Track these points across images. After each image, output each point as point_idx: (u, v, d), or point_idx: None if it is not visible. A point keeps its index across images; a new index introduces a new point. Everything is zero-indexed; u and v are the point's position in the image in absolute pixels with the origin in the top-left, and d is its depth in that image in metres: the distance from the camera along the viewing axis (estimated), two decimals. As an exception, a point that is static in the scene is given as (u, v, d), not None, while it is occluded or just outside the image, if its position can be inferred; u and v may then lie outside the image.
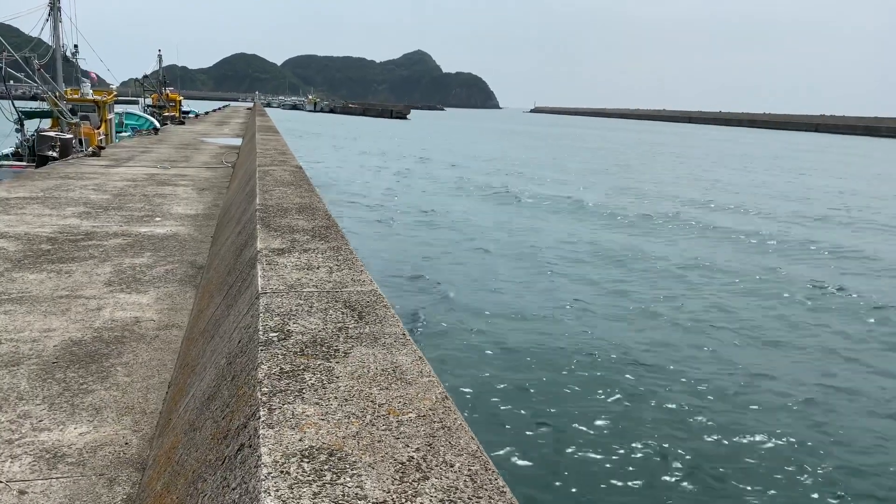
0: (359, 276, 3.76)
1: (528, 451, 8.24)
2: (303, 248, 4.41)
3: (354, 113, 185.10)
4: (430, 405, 2.17)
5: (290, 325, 2.90)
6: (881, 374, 11.38)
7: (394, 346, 2.69)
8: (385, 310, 3.17)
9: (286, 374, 2.37)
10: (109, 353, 4.72)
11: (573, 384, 10.22)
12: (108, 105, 31.01)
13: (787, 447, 8.75)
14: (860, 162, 72.00)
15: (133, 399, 4.05)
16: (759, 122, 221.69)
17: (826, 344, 12.72)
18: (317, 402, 2.14)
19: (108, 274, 6.79)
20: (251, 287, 3.64)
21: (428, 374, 2.44)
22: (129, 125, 38.24)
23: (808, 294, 16.22)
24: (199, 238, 8.79)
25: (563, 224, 24.54)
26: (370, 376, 2.38)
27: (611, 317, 13.64)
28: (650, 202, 31.32)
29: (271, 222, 5.32)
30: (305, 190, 7.41)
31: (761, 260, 19.97)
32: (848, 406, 10.10)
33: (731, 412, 9.63)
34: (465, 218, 24.47)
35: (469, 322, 12.79)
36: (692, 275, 17.66)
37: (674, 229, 24.53)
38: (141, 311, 5.70)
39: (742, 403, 9.94)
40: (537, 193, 32.69)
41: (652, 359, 11.33)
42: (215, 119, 54.28)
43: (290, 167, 9.88)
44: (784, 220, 27.97)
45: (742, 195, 36.30)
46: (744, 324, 13.62)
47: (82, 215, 9.86)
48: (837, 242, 23.22)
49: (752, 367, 11.28)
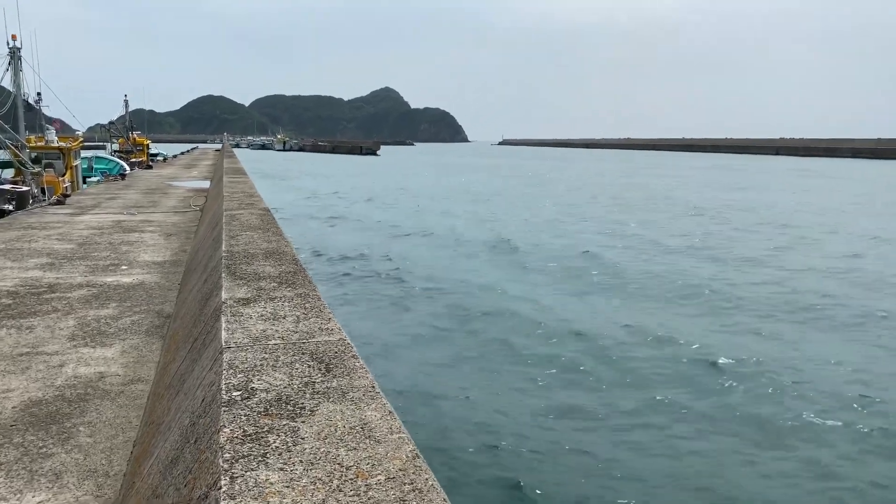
0: (326, 325, 3.67)
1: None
2: (269, 297, 4.31)
3: (324, 150, 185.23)
4: (400, 465, 2.09)
5: (255, 381, 2.80)
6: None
7: (362, 401, 2.60)
8: (353, 360, 3.09)
9: (249, 437, 2.27)
10: (71, 413, 4.56)
11: (551, 435, 9.70)
12: (73, 151, 30.66)
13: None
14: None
15: (96, 461, 3.89)
16: (722, 146, 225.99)
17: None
18: (281, 468, 2.04)
19: (72, 327, 6.61)
20: (215, 340, 3.53)
21: (398, 430, 2.35)
22: (98, 169, 37.84)
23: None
24: (166, 286, 8.62)
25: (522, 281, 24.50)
26: (337, 436, 2.29)
27: (589, 365, 13.27)
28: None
29: (237, 269, 5.22)
30: (273, 234, 7.32)
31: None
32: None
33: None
34: (453, 270, 23.90)
35: (441, 370, 12.52)
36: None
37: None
38: (106, 366, 5.53)
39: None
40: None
41: (631, 419, 10.75)
42: (184, 162, 53.95)
43: (257, 210, 9.78)
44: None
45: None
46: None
47: (45, 266, 9.64)
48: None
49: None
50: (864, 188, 63.96)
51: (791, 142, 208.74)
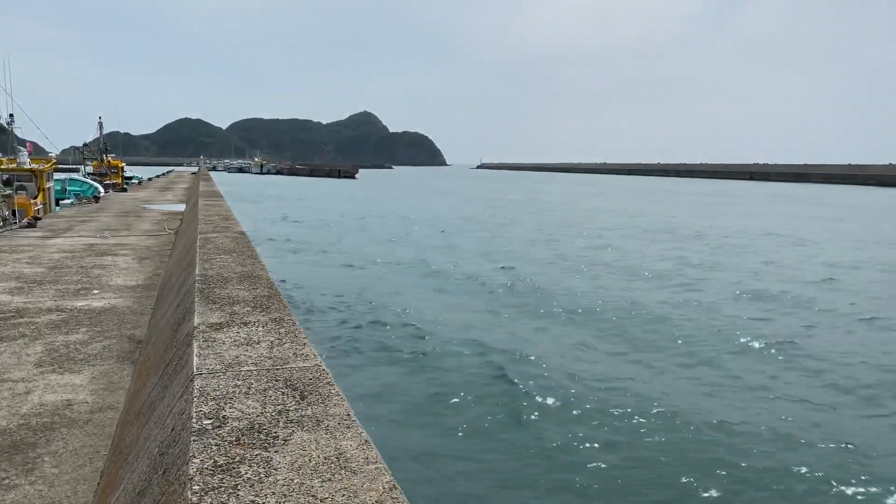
0: (301, 350, 3.59)
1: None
2: (242, 322, 4.22)
3: (302, 174, 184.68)
4: (376, 497, 2.02)
5: (226, 409, 2.71)
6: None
7: (337, 430, 2.53)
8: (329, 387, 3.01)
9: (220, 468, 2.19)
10: (37, 442, 4.42)
11: (532, 460, 9.57)
12: (46, 174, 30.23)
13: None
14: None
15: (60, 493, 3.76)
16: (696, 171, 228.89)
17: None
18: (252, 501, 1.96)
19: (40, 353, 6.44)
20: (186, 367, 3.43)
21: (375, 460, 2.28)
22: (72, 191, 37.34)
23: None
24: (138, 310, 8.46)
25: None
26: (312, 466, 2.22)
27: (574, 384, 13.25)
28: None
29: (210, 294, 5.12)
30: (248, 257, 7.22)
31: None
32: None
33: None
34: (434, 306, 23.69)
35: (419, 395, 12.34)
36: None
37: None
38: (74, 393, 5.39)
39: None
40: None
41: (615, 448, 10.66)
42: (159, 185, 53.51)
43: (232, 233, 9.67)
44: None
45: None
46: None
47: (13, 290, 9.43)
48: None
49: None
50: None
51: (765, 167, 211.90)
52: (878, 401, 12.14)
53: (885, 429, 10.96)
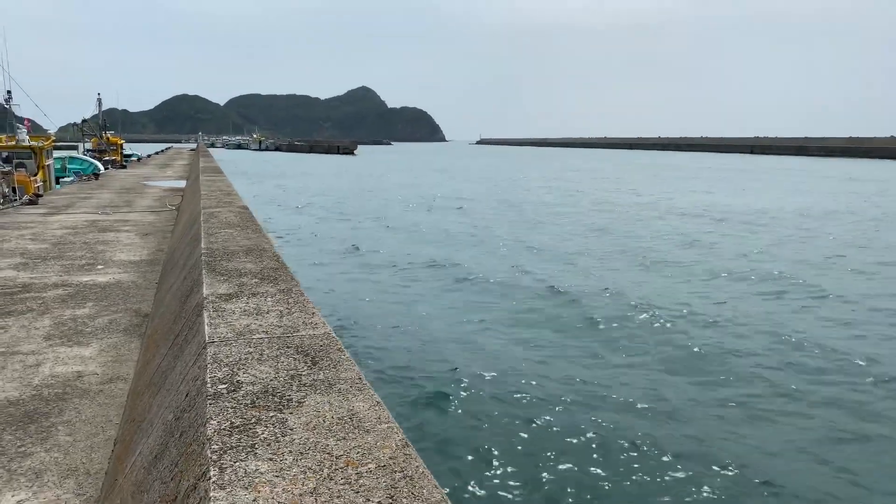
0: (310, 319, 3.66)
1: (495, 496, 7.94)
2: (251, 293, 4.28)
3: (301, 150, 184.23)
4: (390, 454, 2.09)
5: (240, 375, 2.78)
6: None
7: (350, 392, 2.60)
8: (339, 353, 3.08)
9: (237, 428, 2.26)
10: (50, 412, 4.50)
11: (539, 422, 9.76)
12: (45, 151, 30.18)
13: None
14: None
15: (76, 460, 3.84)
16: (697, 145, 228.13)
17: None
18: (270, 458, 2.03)
19: (48, 327, 6.52)
20: (198, 336, 3.50)
21: (387, 420, 2.35)
22: (72, 170, 37.29)
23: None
24: (143, 285, 8.53)
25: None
26: (326, 426, 2.29)
27: (576, 351, 13.47)
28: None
29: (217, 266, 5.18)
30: (252, 231, 7.27)
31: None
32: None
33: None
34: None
35: (429, 361, 12.55)
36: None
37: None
38: (83, 365, 5.47)
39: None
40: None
41: (625, 412, 10.34)
42: (158, 161, 53.39)
43: (235, 208, 9.71)
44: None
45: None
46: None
47: (19, 266, 9.49)
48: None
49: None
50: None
51: (765, 140, 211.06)
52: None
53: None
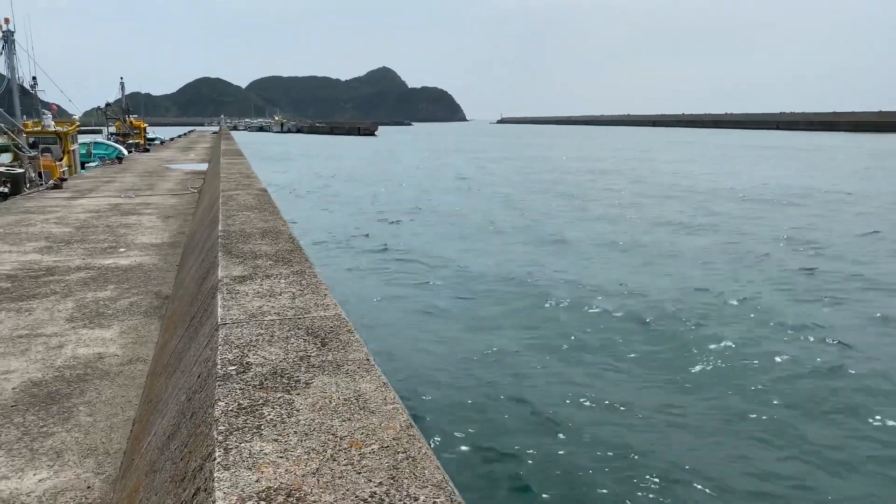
0: (322, 301, 3.68)
1: (498, 478, 7.88)
2: (265, 274, 4.31)
3: (322, 132, 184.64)
4: (393, 434, 2.10)
5: (250, 356, 2.81)
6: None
7: (357, 374, 2.61)
8: (349, 335, 3.10)
9: (244, 409, 2.28)
10: (71, 393, 4.58)
11: (547, 405, 9.67)
12: (70, 136, 30.55)
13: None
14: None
15: (96, 440, 3.91)
16: (721, 122, 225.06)
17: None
18: (275, 439, 2.06)
19: (71, 309, 6.62)
20: (211, 318, 3.54)
21: (392, 401, 2.36)
22: (97, 155, 37.74)
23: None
24: (164, 267, 8.62)
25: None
26: (332, 407, 2.30)
27: (591, 326, 13.50)
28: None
29: (233, 248, 5.22)
30: (270, 213, 7.31)
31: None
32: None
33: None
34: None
35: (437, 341, 12.58)
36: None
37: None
38: (104, 347, 5.55)
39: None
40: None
41: (636, 389, 10.38)
42: (181, 145, 53.78)
43: (254, 190, 9.76)
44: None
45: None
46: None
47: (43, 250, 9.64)
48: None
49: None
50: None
51: (791, 116, 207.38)
52: None
53: None
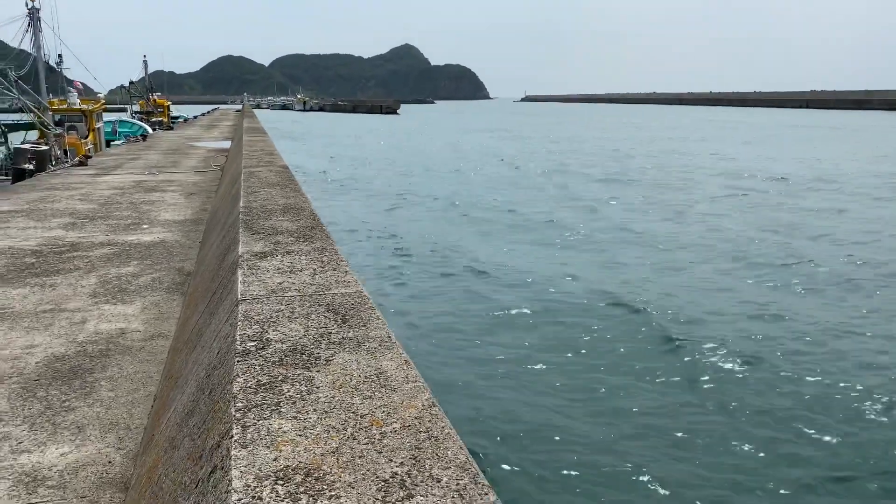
0: (343, 278, 3.61)
1: (521, 458, 7.84)
2: (286, 251, 4.26)
3: (345, 110, 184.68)
4: (415, 413, 2.04)
5: (270, 332, 2.76)
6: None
7: (378, 351, 2.55)
8: (370, 312, 3.03)
9: (263, 386, 2.23)
10: (93, 368, 4.58)
11: (571, 383, 9.67)
12: (95, 114, 30.76)
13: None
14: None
15: (117, 414, 3.91)
16: (749, 101, 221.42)
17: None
18: (294, 417, 2.00)
19: (94, 285, 6.64)
20: (231, 294, 3.49)
21: (414, 379, 2.30)
22: (122, 133, 38.04)
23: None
24: (186, 244, 8.63)
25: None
26: (352, 385, 2.24)
27: (616, 308, 13.30)
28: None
29: (254, 225, 5.18)
30: (291, 190, 7.26)
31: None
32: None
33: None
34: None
35: (461, 317, 12.55)
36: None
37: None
38: (126, 322, 5.56)
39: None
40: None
41: (658, 366, 10.38)
42: (204, 123, 53.98)
43: (276, 168, 9.72)
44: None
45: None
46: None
47: (68, 226, 9.70)
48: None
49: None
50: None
51: (821, 94, 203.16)
52: None
53: None
